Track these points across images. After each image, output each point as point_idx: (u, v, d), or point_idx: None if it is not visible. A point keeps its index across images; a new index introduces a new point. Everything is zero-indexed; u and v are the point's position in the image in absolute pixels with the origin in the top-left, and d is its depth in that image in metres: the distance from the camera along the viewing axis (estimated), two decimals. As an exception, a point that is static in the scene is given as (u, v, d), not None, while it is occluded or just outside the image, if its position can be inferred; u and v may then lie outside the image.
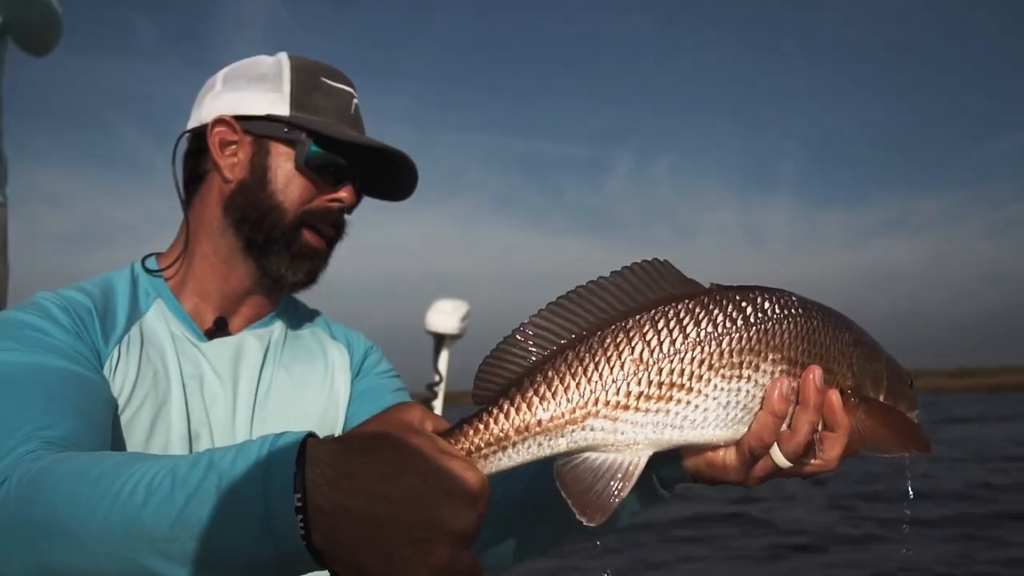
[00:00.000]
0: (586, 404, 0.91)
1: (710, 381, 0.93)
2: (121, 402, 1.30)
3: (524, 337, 0.94)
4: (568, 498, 0.90)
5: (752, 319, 0.96)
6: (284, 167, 1.44)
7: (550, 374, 0.92)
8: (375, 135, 1.51)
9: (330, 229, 1.49)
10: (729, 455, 1.02)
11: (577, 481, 0.90)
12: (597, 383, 0.91)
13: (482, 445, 0.89)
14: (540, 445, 0.90)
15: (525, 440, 0.90)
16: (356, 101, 1.53)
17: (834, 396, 0.99)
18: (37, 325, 1.23)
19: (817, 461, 1.01)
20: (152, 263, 1.49)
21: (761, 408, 0.97)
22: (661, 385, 0.92)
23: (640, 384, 0.92)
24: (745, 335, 0.95)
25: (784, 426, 0.98)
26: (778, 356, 0.96)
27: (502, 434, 0.90)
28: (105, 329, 1.33)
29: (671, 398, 0.93)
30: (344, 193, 1.47)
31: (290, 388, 1.49)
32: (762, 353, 0.96)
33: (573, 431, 0.90)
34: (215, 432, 1.39)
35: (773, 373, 0.96)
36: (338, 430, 1.50)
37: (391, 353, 1.73)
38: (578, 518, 0.90)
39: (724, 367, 0.94)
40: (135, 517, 0.81)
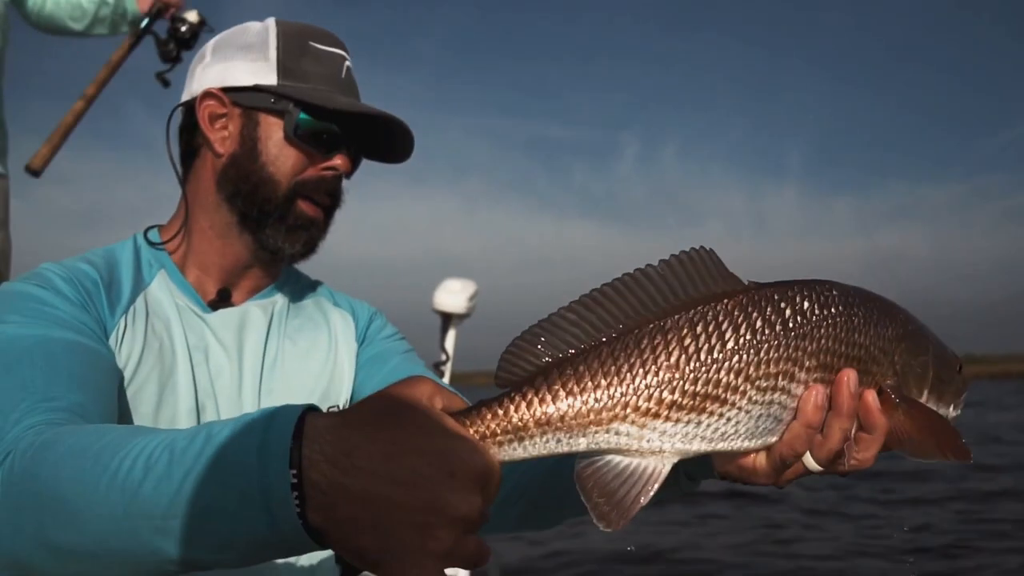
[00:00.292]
0: (614, 407, 0.87)
1: (745, 394, 0.89)
2: (128, 373, 1.29)
3: (559, 324, 0.90)
4: (586, 500, 0.87)
5: (791, 324, 0.92)
6: (274, 138, 1.41)
7: (581, 368, 0.87)
8: (383, 108, 1.45)
9: (326, 198, 1.46)
10: (760, 460, 0.98)
11: (598, 485, 0.87)
12: (629, 386, 0.87)
13: (498, 431, 0.85)
14: (559, 441, 0.86)
15: (544, 434, 0.86)
16: (348, 64, 1.49)
17: (871, 397, 0.95)
18: (41, 297, 1.21)
19: (852, 462, 0.96)
20: (155, 235, 1.48)
21: (794, 418, 0.93)
22: (695, 396, 0.88)
23: (673, 393, 0.88)
24: (783, 343, 0.91)
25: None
26: (814, 363, 0.92)
27: (520, 423, 0.86)
28: (111, 300, 1.32)
29: (704, 409, 0.89)
30: (338, 161, 1.44)
31: (296, 358, 1.48)
32: (799, 362, 0.92)
33: (596, 432, 0.87)
34: (221, 404, 1.38)
35: (808, 382, 0.92)
36: (343, 399, 1.49)
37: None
38: (595, 522, 0.86)
39: (760, 378, 0.90)
40: (134, 493, 0.79)
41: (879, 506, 9.40)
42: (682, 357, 0.88)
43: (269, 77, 1.41)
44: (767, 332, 0.91)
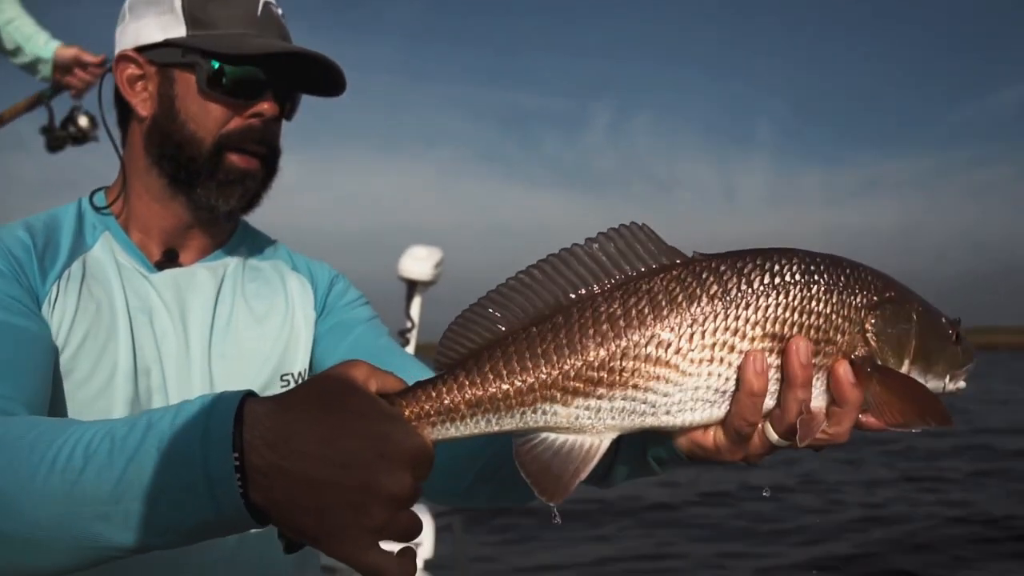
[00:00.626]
0: (540, 387, 0.88)
1: (677, 367, 0.88)
2: (60, 340, 1.26)
3: (491, 305, 0.92)
4: (526, 477, 0.89)
5: (731, 293, 0.90)
6: (191, 94, 1.35)
7: (510, 350, 0.89)
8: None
9: (258, 146, 1.40)
10: (719, 435, 0.95)
11: (534, 461, 0.89)
12: (553, 366, 0.88)
13: (431, 412, 0.88)
14: (489, 421, 0.89)
15: (475, 415, 0.89)
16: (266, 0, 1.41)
17: (841, 368, 0.92)
18: None
19: (822, 435, 0.94)
20: (100, 198, 1.45)
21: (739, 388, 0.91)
22: (622, 372, 0.88)
23: (598, 370, 0.88)
24: (720, 313, 0.89)
25: (773, 404, 0.93)
26: (758, 333, 0.90)
27: (452, 405, 0.88)
28: (44, 266, 1.29)
29: (633, 384, 0.88)
30: (264, 106, 1.38)
31: (250, 323, 1.44)
32: (740, 331, 0.90)
33: (523, 412, 0.89)
34: (167, 367, 1.34)
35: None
36: (298, 369, 1.46)
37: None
38: (537, 496, 0.89)
39: (694, 349, 0.89)
40: (74, 483, 0.81)
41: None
42: (608, 334, 0.88)
43: (178, 30, 1.35)
44: (702, 303, 0.89)
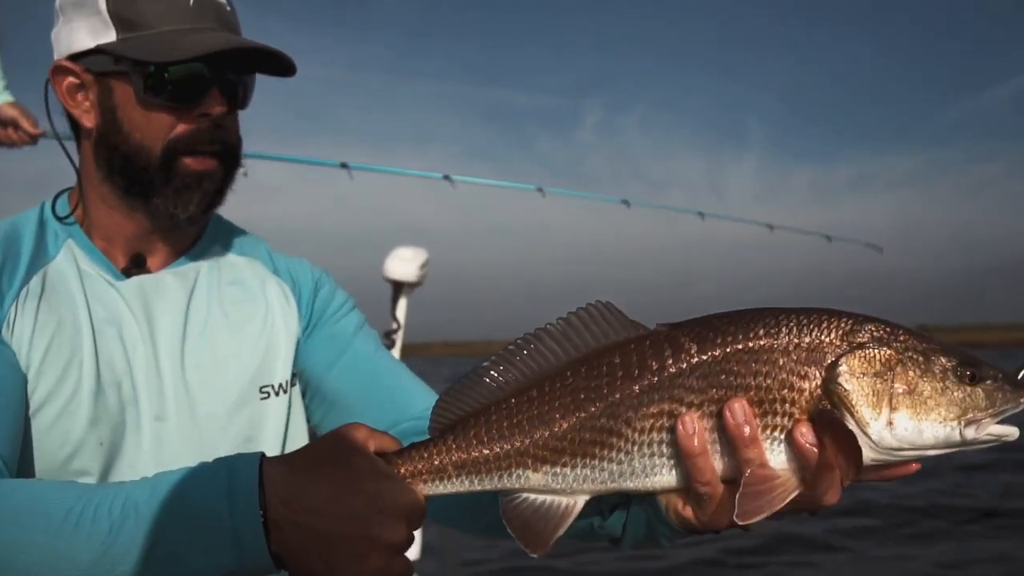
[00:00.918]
0: (513, 454, 0.98)
1: (627, 436, 0.95)
2: (23, 362, 1.21)
3: (478, 377, 1.01)
4: (510, 531, 0.98)
5: (671, 365, 0.94)
6: (131, 103, 1.27)
7: (492, 419, 0.99)
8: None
9: (212, 146, 1.31)
10: (691, 502, 0.97)
11: (517, 518, 0.98)
12: (524, 435, 0.97)
13: (424, 471, 0.99)
14: (473, 481, 0.99)
15: (460, 475, 0.99)
16: None
17: (797, 428, 0.91)
18: None
19: (803, 498, 0.91)
20: (63, 204, 1.37)
21: None
22: (580, 442, 0.96)
23: (559, 439, 0.96)
24: (662, 382, 0.94)
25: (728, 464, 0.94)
26: (699, 399, 0.93)
27: (441, 465, 0.99)
28: (1, 286, 1.23)
29: (588, 453, 0.96)
30: (211, 104, 1.28)
31: (226, 330, 1.37)
32: (681, 399, 0.94)
33: (501, 475, 0.98)
34: (137, 380, 1.28)
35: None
36: (278, 380, 1.39)
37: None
38: (522, 548, 0.97)
39: (640, 419, 0.94)
40: (106, 547, 0.90)
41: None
42: (570, 406, 0.96)
43: (107, 34, 1.25)
44: (650, 373, 0.94)
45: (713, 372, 0.93)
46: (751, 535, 5.41)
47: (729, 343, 0.94)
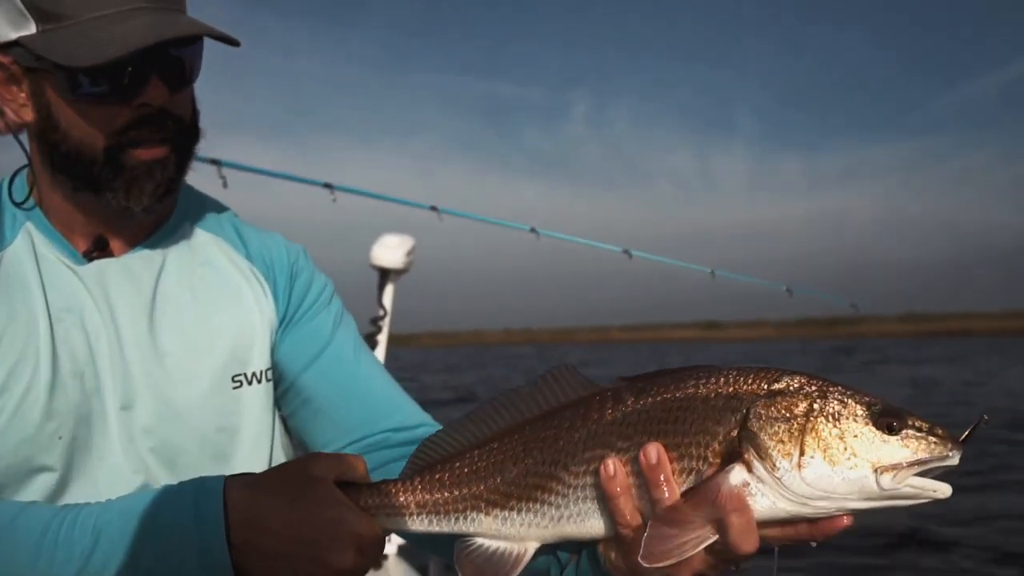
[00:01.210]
0: (469, 497, 1.04)
1: (562, 480, 1.00)
2: None
3: (454, 430, 1.09)
4: (463, 573, 1.03)
5: (606, 416, 1.00)
6: (62, 100, 1.16)
7: (456, 465, 1.06)
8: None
9: (161, 132, 1.20)
10: (618, 549, 0.99)
11: (470, 564, 1.04)
12: (480, 480, 1.04)
13: (384, 505, 1.06)
14: (430, 522, 1.06)
15: (420, 514, 1.06)
16: None
17: (710, 475, 0.93)
18: None
19: (725, 547, 0.91)
20: (21, 184, 1.29)
21: None
22: (526, 487, 1.02)
23: (508, 485, 1.03)
24: (594, 432, 0.99)
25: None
26: (624, 444, 0.97)
27: (403, 503, 1.06)
28: None
29: (531, 497, 1.01)
30: (151, 94, 1.17)
31: (197, 317, 1.30)
32: (612, 446, 0.98)
33: (457, 518, 1.05)
34: (101, 370, 1.22)
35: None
36: (252, 369, 1.32)
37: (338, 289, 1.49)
38: None
39: (575, 464, 0.99)
40: (82, 567, 0.98)
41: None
42: (520, 455, 1.03)
43: (27, 26, 1.13)
44: (587, 424, 1.00)
45: (642, 420, 0.97)
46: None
47: (662, 393, 0.98)
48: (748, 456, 0.91)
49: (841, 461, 0.89)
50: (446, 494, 1.05)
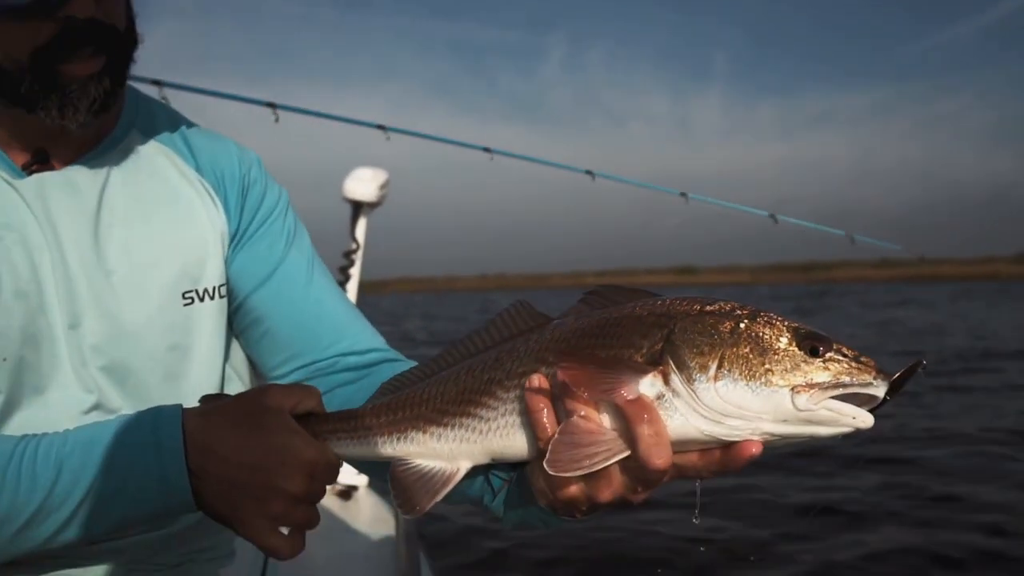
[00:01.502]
0: (411, 418, 1.08)
1: (495, 395, 1.02)
2: None
3: (419, 370, 1.15)
4: (393, 493, 1.07)
5: (549, 335, 1.02)
6: None
7: (405, 393, 1.11)
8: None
9: (92, 44, 1.12)
10: (541, 470, 0.95)
11: (401, 481, 1.07)
12: (422, 403, 1.08)
13: (335, 431, 1.12)
14: (376, 445, 1.10)
15: (366, 438, 1.10)
16: None
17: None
18: None
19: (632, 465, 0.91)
20: None
21: None
22: (461, 402, 1.05)
23: (447, 403, 1.06)
24: (533, 348, 1.02)
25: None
26: (554, 359, 0.96)
27: (352, 427, 1.11)
28: None
29: (464, 412, 1.04)
30: (77, 4, 1.08)
31: (145, 231, 1.25)
32: (544, 360, 0.99)
33: (399, 439, 1.08)
34: (45, 289, 1.17)
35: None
36: (203, 286, 1.29)
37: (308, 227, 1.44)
38: (398, 508, 1.08)
39: (508, 380, 1.01)
40: (45, 496, 1.01)
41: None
42: (461, 377, 1.07)
43: None
44: (526, 346, 1.03)
45: (575, 336, 0.99)
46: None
47: (601, 315, 1.00)
48: (667, 368, 0.90)
49: (758, 377, 0.88)
50: (392, 416, 1.09)
